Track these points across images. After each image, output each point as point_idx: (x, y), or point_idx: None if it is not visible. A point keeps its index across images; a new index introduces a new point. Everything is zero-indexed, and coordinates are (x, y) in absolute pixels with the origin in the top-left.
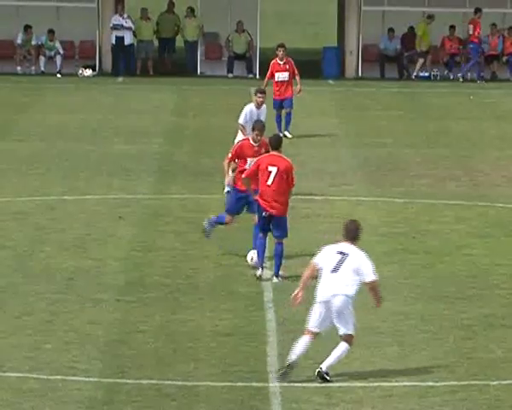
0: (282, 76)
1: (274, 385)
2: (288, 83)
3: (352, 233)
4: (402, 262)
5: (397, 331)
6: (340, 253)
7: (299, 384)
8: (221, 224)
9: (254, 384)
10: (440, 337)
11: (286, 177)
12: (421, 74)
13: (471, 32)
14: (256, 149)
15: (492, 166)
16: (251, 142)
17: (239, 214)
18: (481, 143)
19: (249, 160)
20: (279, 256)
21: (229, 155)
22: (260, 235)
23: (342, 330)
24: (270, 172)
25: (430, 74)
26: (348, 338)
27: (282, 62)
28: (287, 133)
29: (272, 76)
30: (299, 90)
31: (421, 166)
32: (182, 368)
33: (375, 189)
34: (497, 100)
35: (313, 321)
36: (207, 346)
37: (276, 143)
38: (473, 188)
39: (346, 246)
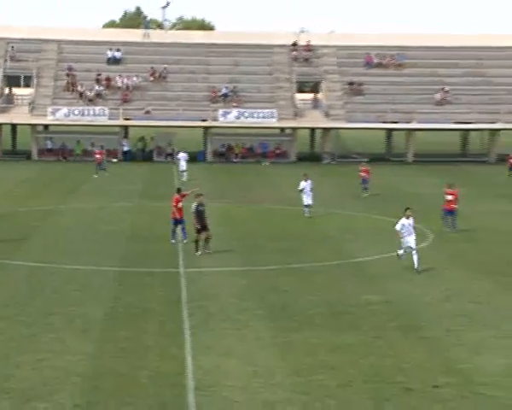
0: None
1: (182, 270)
2: None
3: None
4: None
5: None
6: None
7: (195, 269)
8: None
9: (172, 270)
10: (255, 250)
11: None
12: (234, 160)
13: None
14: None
15: (272, 194)
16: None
17: None
18: (272, 185)
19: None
20: (185, 235)
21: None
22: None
23: None
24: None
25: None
26: None
27: None
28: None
29: None
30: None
31: (259, 194)
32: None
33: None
34: (262, 169)
35: None
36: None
37: (177, 191)
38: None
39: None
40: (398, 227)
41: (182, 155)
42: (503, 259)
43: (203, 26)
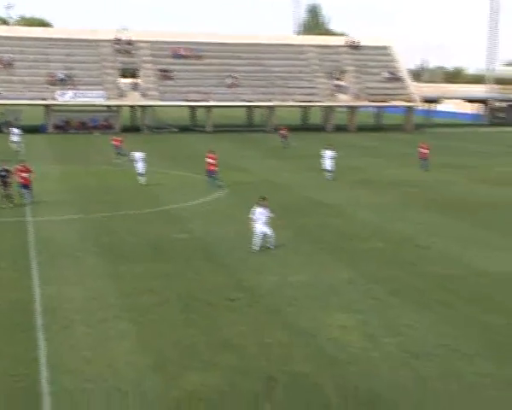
0: None
1: (29, 219)
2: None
3: None
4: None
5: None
6: None
7: (40, 218)
8: None
9: (20, 219)
10: (89, 201)
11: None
12: (71, 131)
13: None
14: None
15: (101, 158)
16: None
17: None
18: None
19: None
20: (30, 197)
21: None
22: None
23: None
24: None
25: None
26: None
27: None
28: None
29: None
30: None
31: (91, 158)
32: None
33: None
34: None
35: None
36: (13, 209)
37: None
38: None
39: None
40: (251, 215)
41: (15, 130)
42: (276, 203)
43: (42, 23)
